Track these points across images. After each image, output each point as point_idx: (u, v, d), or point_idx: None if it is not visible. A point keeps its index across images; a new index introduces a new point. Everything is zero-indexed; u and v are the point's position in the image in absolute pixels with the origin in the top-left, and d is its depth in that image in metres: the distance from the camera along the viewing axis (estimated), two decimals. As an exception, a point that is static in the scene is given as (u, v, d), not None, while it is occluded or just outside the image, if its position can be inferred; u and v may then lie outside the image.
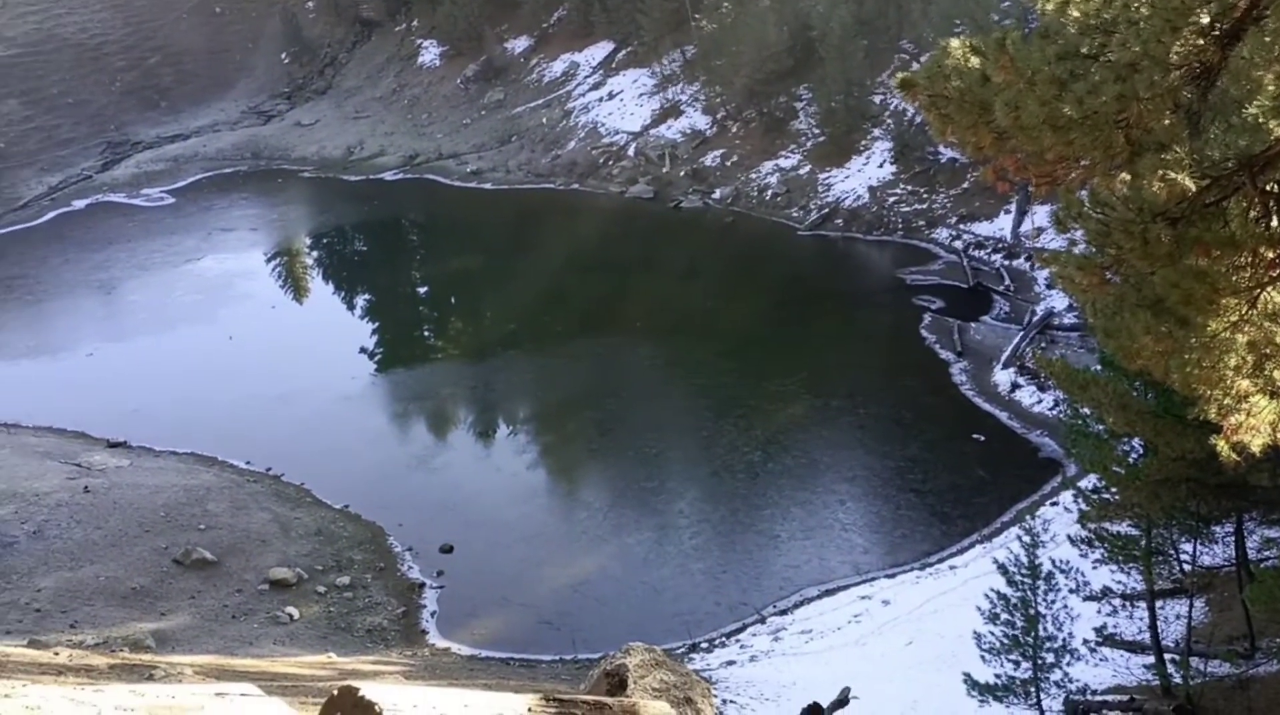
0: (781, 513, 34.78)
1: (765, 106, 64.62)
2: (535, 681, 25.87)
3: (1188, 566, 24.81)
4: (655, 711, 6.88)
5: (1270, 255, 8.03)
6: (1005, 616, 22.46)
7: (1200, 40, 7.66)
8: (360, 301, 58.28)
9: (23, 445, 40.52)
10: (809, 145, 62.33)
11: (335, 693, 6.19)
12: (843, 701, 22.29)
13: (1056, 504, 31.67)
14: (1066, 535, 24.66)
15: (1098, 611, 26.07)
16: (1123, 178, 8.17)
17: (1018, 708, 23.03)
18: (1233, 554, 24.59)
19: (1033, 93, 8.06)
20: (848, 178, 58.92)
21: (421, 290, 59.95)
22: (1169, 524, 22.32)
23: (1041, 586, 22.08)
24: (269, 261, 63.56)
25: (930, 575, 31.10)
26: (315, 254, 66.38)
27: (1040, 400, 38.37)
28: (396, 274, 61.13)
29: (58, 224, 68.90)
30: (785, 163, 62.00)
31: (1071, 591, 23.23)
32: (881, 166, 58.34)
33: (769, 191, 60.35)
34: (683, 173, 64.21)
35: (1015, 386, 39.57)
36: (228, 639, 29.04)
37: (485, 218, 65.87)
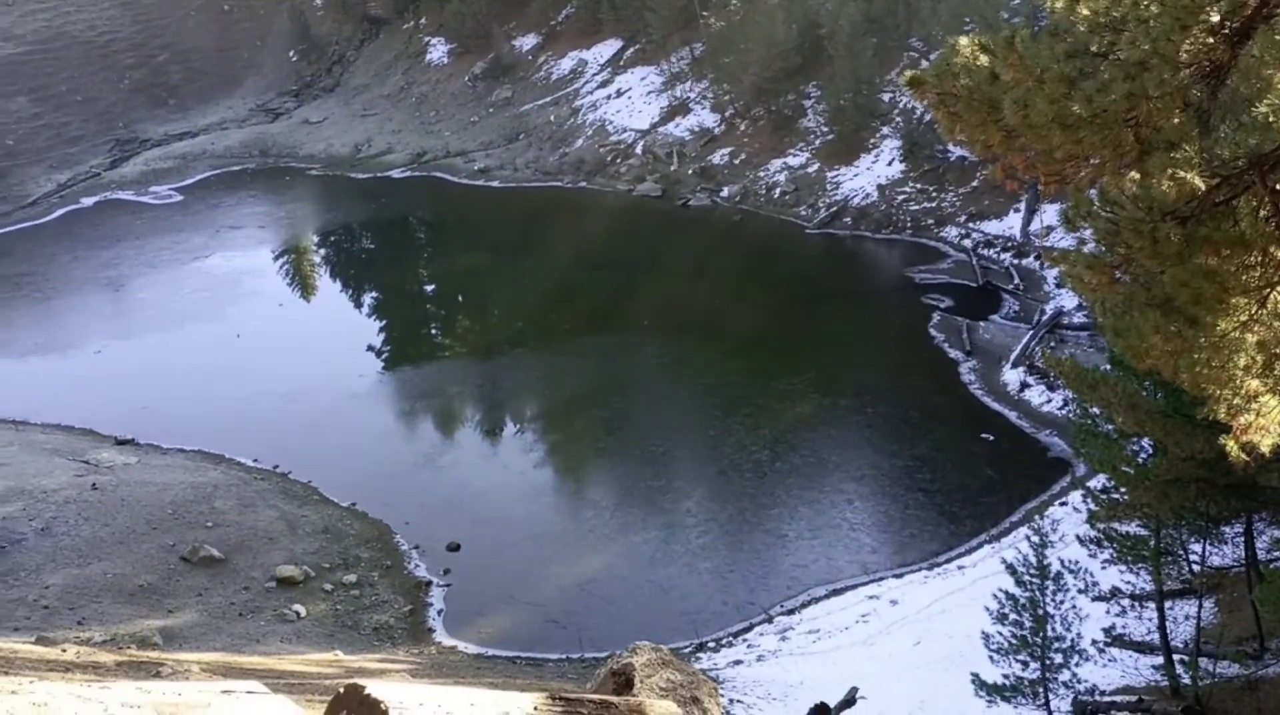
0: (789, 512, 34.74)
1: (774, 104, 64.53)
2: (542, 680, 25.86)
3: (1197, 567, 24.75)
4: (662, 711, 6.86)
5: (1280, 255, 8.00)
6: (1014, 617, 22.42)
7: (1210, 38, 7.63)
8: (368, 299, 58.33)
9: (31, 442, 40.62)
10: (817, 143, 62.24)
11: (341, 691, 6.18)
12: (850, 701, 22.22)
13: (1065, 504, 31.60)
14: (1075, 535, 24.62)
15: (1106, 612, 26.05)
16: (1132, 176, 8.14)
17: (1026, 708, 22.97)
18: (1242, 554, 24.51)
19: (1042, 91, 8.04)
20: (856, 176, 58.83)
21: (429, 288, 59.96)
22: (1178, 524, 22.27)
23: (1050, 587, 22.03)
24: (277, 259, 63.61)
25: (938, 575, 31.05)
26: (323, 252, 66.42)
27: (1049, 399, 38.28)
28: (404, 272, 61.21)
29: (66, 221, 68.96)
30: (793, 161, 61.91)
31: (1080, 592, 23.18)
32: (890, 164, 58.26)
33: (777, 189, 60.27)
34: (690, 171, 64.14)
35: (1024, 386, 39.48)
36: (234, 636, 29.08)
37: (492, 215, 65.86)
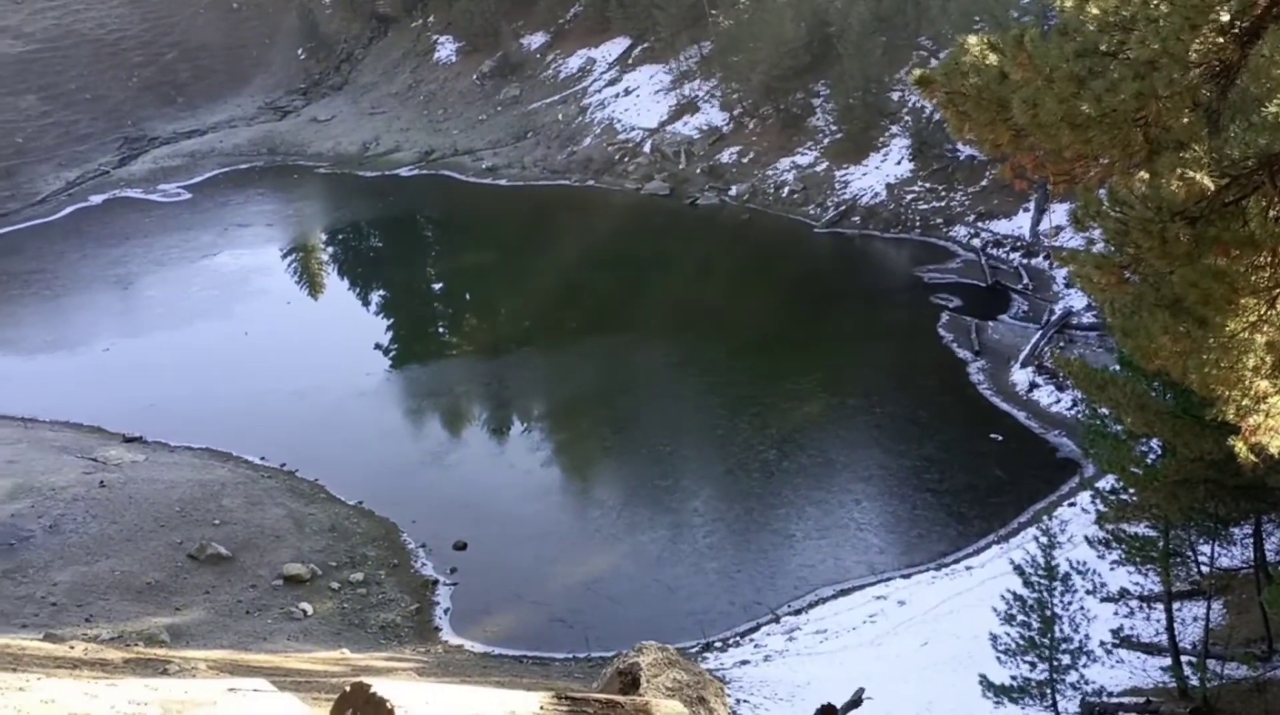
0: (797, 512, 34.70)
1: (782, 103, 64.45)
2: (548, 679, 25.86)
3: (1205, 568, 24.67)
4: (668, 710, 6.84)
5: (1290, 255, 7.96)
6: (1021, 618, 22.39)
7: (1220, 38, 7.60)
8: (375, 297, 58.38)
9: (40, 440, 40.72)
10: (826, 142, 62.16)
11: (347, 689, 6.18)
12: (857, 702, 22.21)
13: (1074, 504, 31.53)
14: (1084, 536, 24.54)
15: (1114, 613, 25.96)
16: (1141, 176, 8.10)
17: (1033, 709, 22.93)
18: (1251, 556, 24.45)
19: (1051, 90, 8.00)
20: (865, 175, 58.75)
21: (436, 286, 60.05)
22: (1187, 525, 22.19)
23: (1058, 587, 22.00)
24: (285, 257, 63.71)
25: (946, 576, 31.00)
26: (331, 250, 66.54)
27: (1058, 400, 38.19)
28: (411, 270, 61.22)
29: (75, 219, 69.12)
30: (802, 159, 61.84)
31: (1088, 593, 23.15)
32: (899, 164, 58.15)
33: (786, 188, 60.20)
34: (699, 169, 64.10)
35: (1033, 386, 39.39)
36: (241, 634, 29.12)
37: (500, 214, 65.92)
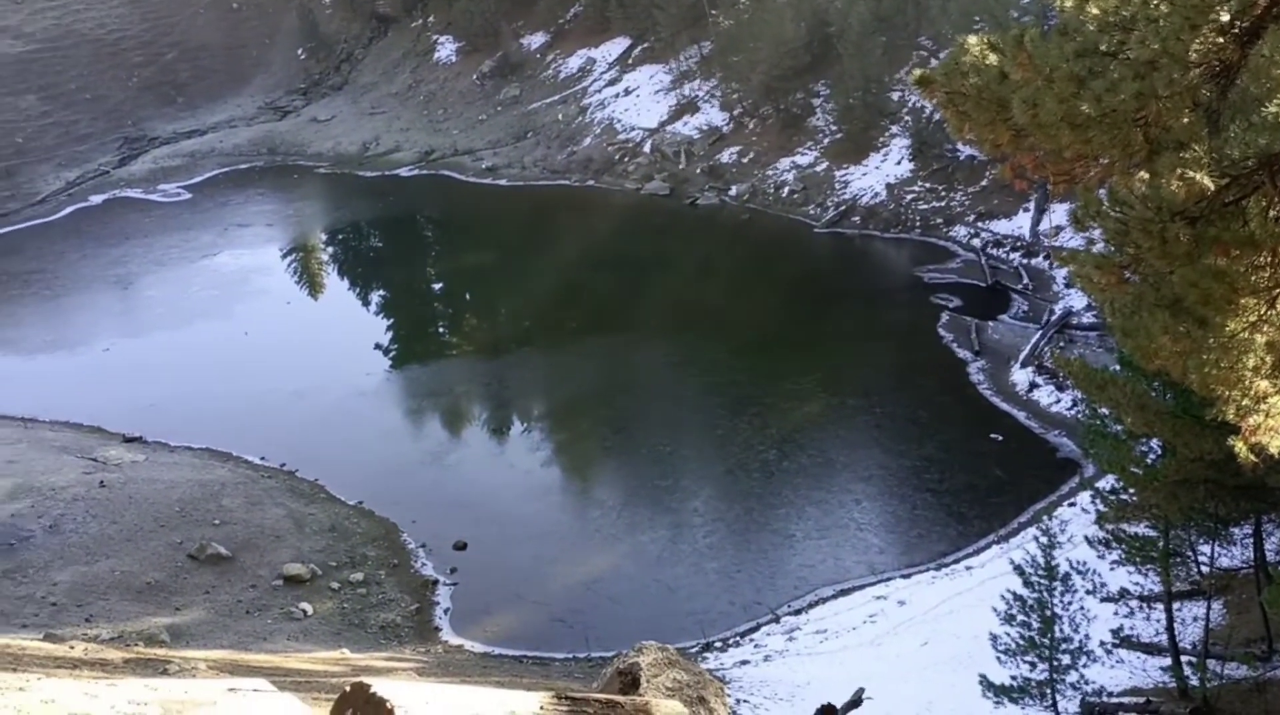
0: (797, 512, 34.69)
1: (782, 103, 64.45)
2: (548, 679, 25.86)
3: (1205, 568, 24.66)
4: (668, 710, 6.84)
5: (1290, 255, 7.96)
6: (1021, 618, 22.38)
7: (1220, 38, 7.59)
8: (375, 297, 58.38)
9: (40, 440, 40.72)
10: (826, 142, 62.16)
11: (347, 689, 6.17)
12: (857, 702, 22.20)
13: (1074, 504, 31.53)
14: (1084, 536, 24.54)
15: (1114, 613, 25.95)
16: (1141, 176, 8.10)
17: (1033, 709, 22.92)
18: (1251, 556, 24.44)
19: (1051, 90, 8.00)
20: (865, 175, 58.74)
21: (436, 286, 60.06)
22: (1187, 525, 22.18)
23: (1058, 587, 22.00)
24: (285, 257, 63.71)
25: (946, 576, 31.00)
26: (330, 250, 66.54)
27: (1058, 400, 38.19)
28: (411, 270, 61.21)
29: (75, 219, 69.12)
30: (802, 159, 61.83)
31: (1088, 593, 23.14)
32: (899, 164, 58.15)
33: (786, 188, 60.20)
34: (699, 169, 64.10)
35: (1033, 386, 39.39)
36: (241, 634, 29.12)
37: (500, 214, 65.92)
